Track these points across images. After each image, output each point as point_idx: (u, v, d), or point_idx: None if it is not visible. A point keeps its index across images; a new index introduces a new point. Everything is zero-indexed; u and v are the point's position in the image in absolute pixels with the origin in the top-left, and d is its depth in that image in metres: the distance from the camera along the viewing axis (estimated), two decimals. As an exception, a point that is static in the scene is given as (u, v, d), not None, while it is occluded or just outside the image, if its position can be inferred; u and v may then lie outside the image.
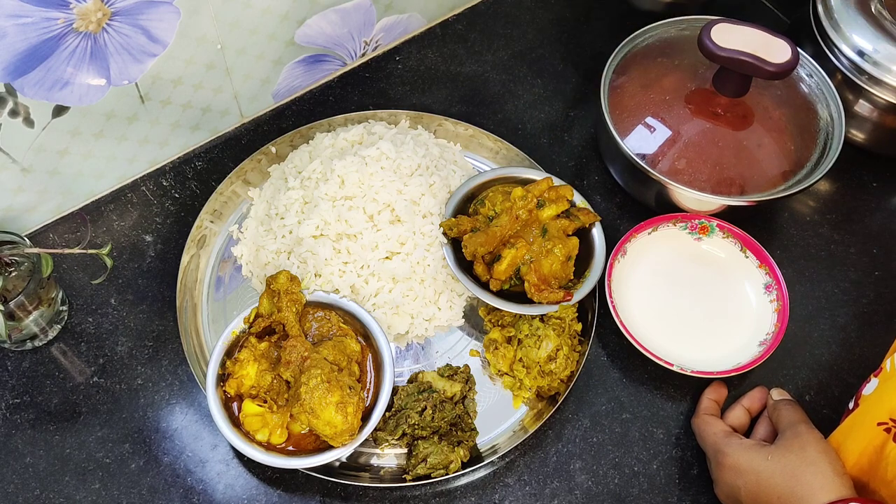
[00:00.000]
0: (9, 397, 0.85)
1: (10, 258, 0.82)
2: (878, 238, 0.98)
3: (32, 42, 0.77)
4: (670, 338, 0.88)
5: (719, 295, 0.91)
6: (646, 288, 0.91)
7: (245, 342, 0.81)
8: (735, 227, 0.92)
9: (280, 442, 0.78)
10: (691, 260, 0.93)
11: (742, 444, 0.77)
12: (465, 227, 0.87)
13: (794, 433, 0.76)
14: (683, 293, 0.91)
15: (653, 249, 0.93)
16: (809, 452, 0.73)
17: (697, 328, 0.89)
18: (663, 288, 0.92)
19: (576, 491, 0.82)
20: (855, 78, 0.95)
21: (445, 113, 1.03)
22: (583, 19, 1.14)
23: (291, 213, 0.89)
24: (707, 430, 0.81)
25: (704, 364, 0.86)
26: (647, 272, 0.92)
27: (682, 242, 0.93)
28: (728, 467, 0.77)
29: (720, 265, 0.93)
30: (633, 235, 0.91)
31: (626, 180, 0.97)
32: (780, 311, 0.88)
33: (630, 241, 0.91)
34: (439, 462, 0.79)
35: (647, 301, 0.91)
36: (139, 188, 0.98)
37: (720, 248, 0.93)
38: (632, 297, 0.91)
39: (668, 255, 0.93)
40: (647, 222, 0.92)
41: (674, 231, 0.93)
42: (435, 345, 0.90)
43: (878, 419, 0.70)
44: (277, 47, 0.97)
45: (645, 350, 0.84)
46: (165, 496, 0.81)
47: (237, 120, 1.03)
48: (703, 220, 0.92)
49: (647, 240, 0.93)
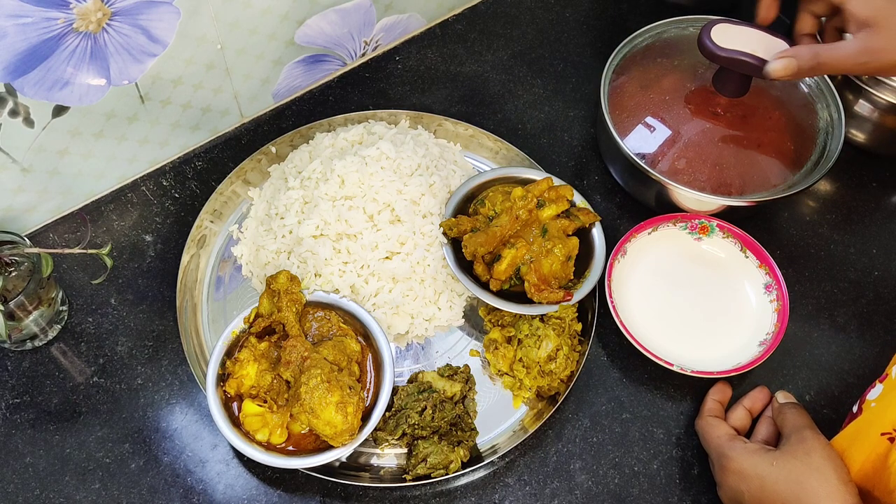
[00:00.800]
0: (9, 397, 0.85)
1: (10, 258, 0.82)
2: (878, 238, 0.98)
3: (32, 42, 0.77)
4: (670, 338, 0.88)
5: (719, 295, 0.91)
6: (646, 288, 0.91)
7: (245, 342, 0.81)
8: (735, 227, 0.92)
9: (280, 442, 0.78)
10: (691, 260, 0.93)
11: (746, 448, 0.77)
12: (465, 227, 0.87)
13: (799, 438, 0.75)
14: (683, 293, 0.91)
15: (653, 249, 0.93)
16: (814, 459, 0.72)
17: (697, 328, 0.89)
18: (663, 288, 0.92)
19: (576, 491, 0.82)
20: (855, 78, 0.95)
21: (445, 113, 1.03)
22: (583, 19, 1.14)
23: (291, 213, 0.90)
24: (711, 432, 0.81)
25: (704, 364, 0.86)
26: (647, 272, 0.92)
27: (682, 242, 0.94)
28: (732, 472, 0.76)
29: (720, 265, 0.93)
30: (633, 235, 0.91)
31: (626, 180, 0.97)
32: (780, 310, 0.88)
33: (630, 241, 0.91)
34: (439, 462, 0.79)
35: (647, 301, 0.91)
36: (139, 188, 0.98)
37: (720, 248, 0.93)
38: (632, 297, 0.91)
39: (668, 255, 0.93)
40: (647, 222, 0.92)
41: (674, 231, 0.93)
42: (435, 345, 0.90)
43: (883, 429, 0.70)
44: (277, 47, 0.97)
45: (645, 350, 0.84)
46: (165, 496, 0.81)
47: (237, 120, 1.03)
48: (703, 220, 0.92)
49: (648, 240, 0.93)
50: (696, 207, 0.92)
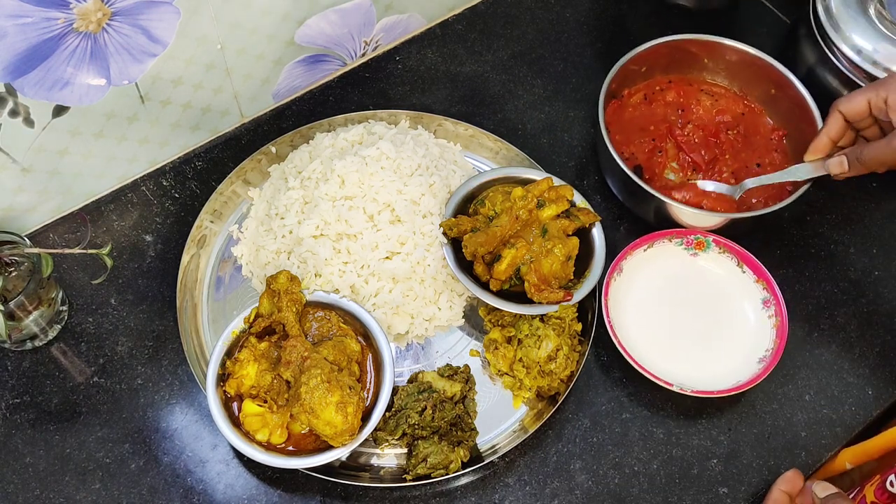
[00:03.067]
0: (9, 397, 0.85)
1: (10, 258, 0.82)
2: (878, 238, 0.98)
3: (32, 42, 0.77)
4: (669, 356, 0.87)
5: (717, 311, 0.90)
6: (643, 306, 0.91)
7: (245, 342, 0.81)
8: (731, 243, 0.91)
9: (280, 442, 0.78)
10: (688, 276, 0.92)
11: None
12: (465, 227, 0.87)
13: None
14: (681, 310, 0.91)
15: (649, 266, 0.92)
16: None
17: (696, 345, 0.89)
18: (660, 305, 0.91)
19: (576, 491, 0.82)
20: (855, 78, 0.95)
21: (445, 113, 1.03)
22: (583, 19, 1.14)
23: (291, 213, 0.89)
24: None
25: (704, 382, 0.85)
26: (644, 290, 0.91)
27: (678, 259, 0.92)
28: None
29: (717, 281, 0.92)
30: (628, 253, 0.90)
31: (625, 197, 0.96)
32: (778, 326, 0.87)
33: (626, 259, 0.90)
34: (439, 462, 0.79)
35: (645, 319, 0.90)
36: (139, 188, 0.98)
37: (716, 264, 0.92)
38: (629, 315, 0.90)
39: (664, 271, 0.92)
40: (642, 239, 0.91)
41: (669, 247, 0.92)
42: (435, 345, 0.90)
43: None
44: (277, 47, 0.97)
45: (645, 371, 0.83)
46: (165, 496, 0.81)
47: (237, 120, 1.03)
48: (698, 236, 0.91)
49: (644, 256, 0.92)
50: (693, 223, 0.91)
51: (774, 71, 0.96)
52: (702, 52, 0.99)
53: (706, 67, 1.01)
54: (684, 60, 1.00)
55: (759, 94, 1.00)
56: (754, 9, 1.16)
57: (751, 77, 0.99)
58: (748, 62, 0.98)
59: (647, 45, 0.97)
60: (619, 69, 0.96)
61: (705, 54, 1.00)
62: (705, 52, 0.99)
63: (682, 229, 0.92)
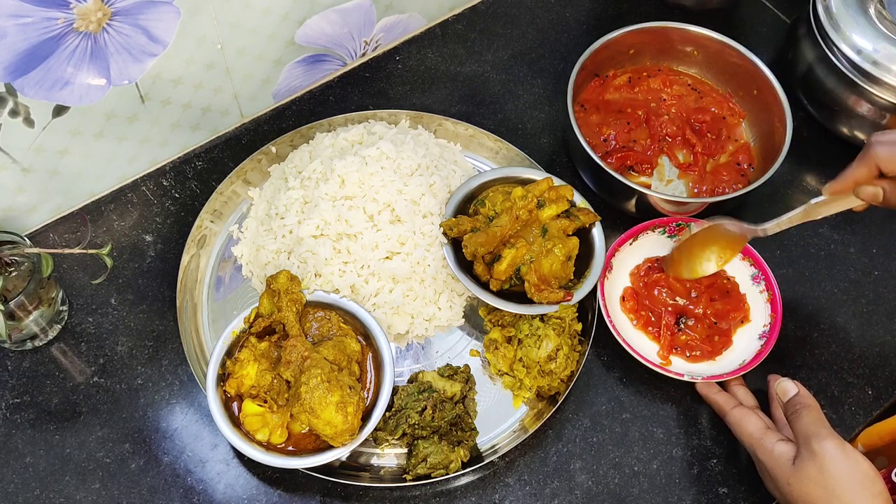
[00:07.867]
0: (9, 397, 0.85)
1: (10, 258, 0.82)
2: (878, 238, 0.98)
3: (33, 42, 0.77)
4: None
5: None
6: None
7: (245, 342, 0.81)
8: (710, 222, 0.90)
9: (280, 442, 0.78)
10: None
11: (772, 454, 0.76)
12: (466, 227, 0.87)
13: (809, 453, 0.73)
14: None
15: (635, 259, 0.92)
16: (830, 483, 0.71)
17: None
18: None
19: (576, 491, 0.82)
20: (855, 78, 0.95)
21: (445, 113, 1.03)
22: (583, 19, 1.14)
23: (291, 213, 0.90)
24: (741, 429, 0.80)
25: (710, 368, 0.85)
26: None
27: (663, 247, 0.93)
28: (763, 471, 0.79)
29: None
30: (616, 250, 0.90)
31: (604, 193, 0.96)
32: (771, 300, 0.88)
33: (614, 256, 0.91)
34: (439, 462, 0.79)
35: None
36: (139, 188, 0.98)
37: None
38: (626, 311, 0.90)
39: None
40: (626, 234, 0.91)
41: (654, 237, 0.92)
42: (435, 345, 0.90)
43: None
44: (277, 47, 0.97)
45: (655, 366, 0.84)
46: (165, 496, 0.81)
47: (237, 120, 1.03)
48: (679, 223, 0.91)
49: (630, 251, 0.92)
50: (674, 210, 0.91)
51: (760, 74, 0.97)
52: (687, 42, 1.01)
53: (696, 61, 1.03)
54: (671, 51, 1.03)
55: (743, 96, 1.01)
56: (754, 8, 1.16)
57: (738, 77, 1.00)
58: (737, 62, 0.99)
59: (635, 27, 0.99)
60: (600, 46, 0.97)
61: (692, 46, 1.01)
62: (692, 44, 1.01)
63: (663, 218, 0.92)
